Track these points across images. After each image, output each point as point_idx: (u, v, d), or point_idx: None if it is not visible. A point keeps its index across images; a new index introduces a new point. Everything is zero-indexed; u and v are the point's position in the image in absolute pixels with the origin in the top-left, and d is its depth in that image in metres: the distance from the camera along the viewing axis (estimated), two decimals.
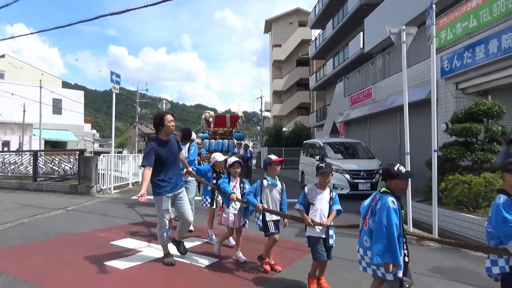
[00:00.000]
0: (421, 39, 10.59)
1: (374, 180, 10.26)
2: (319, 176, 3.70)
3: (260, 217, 4.14)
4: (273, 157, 4.26)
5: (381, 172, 9.76)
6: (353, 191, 10.21)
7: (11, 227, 6.55)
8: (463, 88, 9.73)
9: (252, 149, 28.92)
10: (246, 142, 22.53)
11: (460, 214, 6.03)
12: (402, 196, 6.74)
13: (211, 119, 14.94)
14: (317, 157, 11.98)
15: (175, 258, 4.67)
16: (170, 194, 4.30)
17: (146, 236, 5.90)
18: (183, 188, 4.52)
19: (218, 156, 5.40)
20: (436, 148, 6.04)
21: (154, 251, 5.03)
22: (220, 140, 13.98)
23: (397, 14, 14.87)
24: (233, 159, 4.66)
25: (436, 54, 6.48)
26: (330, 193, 3.72)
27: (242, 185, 4.65)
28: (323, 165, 3.73)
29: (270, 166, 4.19)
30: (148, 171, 4.04)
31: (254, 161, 33.29)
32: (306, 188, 3.79)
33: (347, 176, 10.32)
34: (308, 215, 3.62)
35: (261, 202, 4.13)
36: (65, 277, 4.07)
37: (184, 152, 5.86)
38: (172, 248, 4.73)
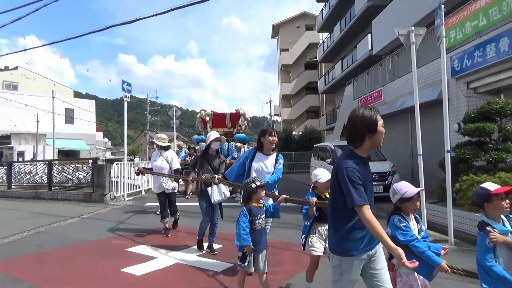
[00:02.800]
0: (430, 39, 10.52)
1: (386, 182, 10.19)
2: None
3: None
4: (491, 186, 2.53)
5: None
6: None
7: (29, 235, 6.68)
8: (474, 87, 9.63)
9: None
10: (253, 145, 21.70)
11: (476, 215, 5.95)
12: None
13: (207, 118, 13.00)
14: (328, 160, 11.96)
15: (192, 263, 4.72)
16: (364, 256, 2.32)
17: (160, 243, 5.95)
18: (380, 244, 2.37)
19: (324, 174, 3.59)
20: (449, 149, 5.99)
21: (169, 257, 5.09)
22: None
23: (405, 15, 14.80)
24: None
25: (446, 54, 6.45)
26: None
27: (418, 225, 2.75)
28: None
29: (490, 204, 2.51)
30: (369, 212, 2.14)
31: None
32: None
33: None
34: None
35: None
36: (82, 285, 4.13)
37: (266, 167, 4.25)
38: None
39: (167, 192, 6.67)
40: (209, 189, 5.10)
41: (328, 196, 3.42)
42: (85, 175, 12.22)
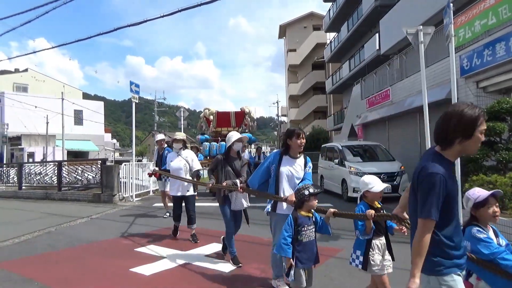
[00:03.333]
0: (439, 39, 10.45)
1: (395, 182, 10.13)
2: None
3: None
4: None
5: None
6: None
7: (39, 235, 6.76)
8: (484, 86, 9.53)
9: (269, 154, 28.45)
10: (260, 145, 21.22)
11: None
12: None
13: (211, 117, 12.70)
14: (336, 160, 11.91)
15: (201, 264, 4.74)
16: (462, 271, 2.03)
17: (169, 243, 5.98)
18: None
19: (377, 182, 3.09)
20: None
21: (178, 257, 5.11)
22: (223, 143, 11.14)
23: (413, 14, 14.70)
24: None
25: (455, 53, 6.40)
26: None
27: (497, 239, 2.37)
28: None
29: None
30: (430, 232, 1.88)
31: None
32: None
33: None
34: None
35: None
36: (92, 284, 4.17)
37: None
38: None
39: (187, 195, 6.01)
40: (229, 194, 4.73)
41: (379, 205, 3.11)
42: (94, 175, 12.31)
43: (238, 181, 4.64)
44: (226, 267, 4.64)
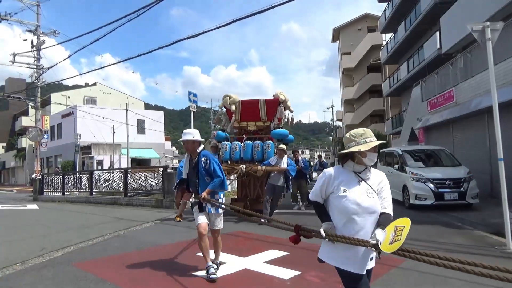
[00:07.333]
0: (507, 34, 9.70)
1: (462, 189, 9.50)
2: None
3: None
4: None
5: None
6: (438, 202, 9.55)
7: (110, 238, 7.26)
8: None
9: (325, 159, 27.23)
10: (297, 149, 17.87)
11: None
12: (497, 207, 6.17)
13: (233, 107, 9.34)
14: (396, 166, 11.46)
15: (260, 270, 4.81)
16: None
17: (229, 248, 6.11)
18: None
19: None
20: None
21: (238, 262, 5.22)
22: (249, 142, 8.77)
23: (478, 9, 13.79)
24: None
25: None
26: None
27: None
28: None
29: None
30: None
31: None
32: None
33: (431, 185, 9.69)
34: None
35: None
36: (158, 286, 4.40)
37: None
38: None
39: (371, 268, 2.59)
40: None
41: None
42: (156, 182, 12.97)
43: None
44: (285, 273, 4.65)
